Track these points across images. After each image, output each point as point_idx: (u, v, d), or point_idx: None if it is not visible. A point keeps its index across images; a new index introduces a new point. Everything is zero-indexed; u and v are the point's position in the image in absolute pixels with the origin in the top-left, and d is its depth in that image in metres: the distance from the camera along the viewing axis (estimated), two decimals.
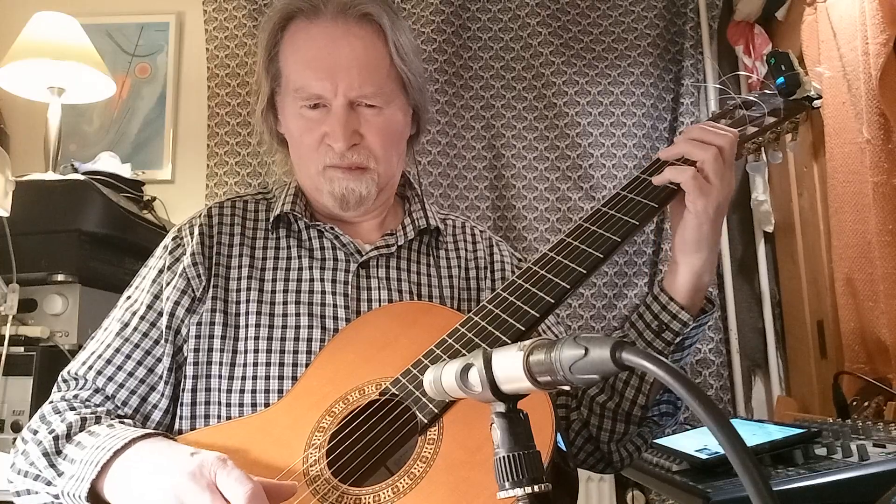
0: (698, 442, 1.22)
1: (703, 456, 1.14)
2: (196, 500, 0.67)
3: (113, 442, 0.76)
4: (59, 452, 0.81)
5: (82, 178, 1.84)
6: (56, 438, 0.82)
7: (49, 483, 0.81)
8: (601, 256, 0.83)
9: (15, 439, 1.53)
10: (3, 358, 1.55)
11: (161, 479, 0.70)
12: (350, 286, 0.97)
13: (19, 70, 1.94)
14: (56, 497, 0.81)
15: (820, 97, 1.00)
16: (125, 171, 2.13)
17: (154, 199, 2.15)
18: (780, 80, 0.98)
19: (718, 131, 0.88)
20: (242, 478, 0.67)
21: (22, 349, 1.59)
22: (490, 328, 0.81)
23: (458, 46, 2.51)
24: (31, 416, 1.54)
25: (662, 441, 1.30)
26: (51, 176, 1.86)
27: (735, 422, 1.46)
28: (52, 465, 0.81)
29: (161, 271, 0.96)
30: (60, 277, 1.67)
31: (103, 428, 0.82)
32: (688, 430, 1.46)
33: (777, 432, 1.18)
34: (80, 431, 0.83)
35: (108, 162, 2.14)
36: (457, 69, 2.49)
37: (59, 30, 1.96)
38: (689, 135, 0.90)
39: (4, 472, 0.86)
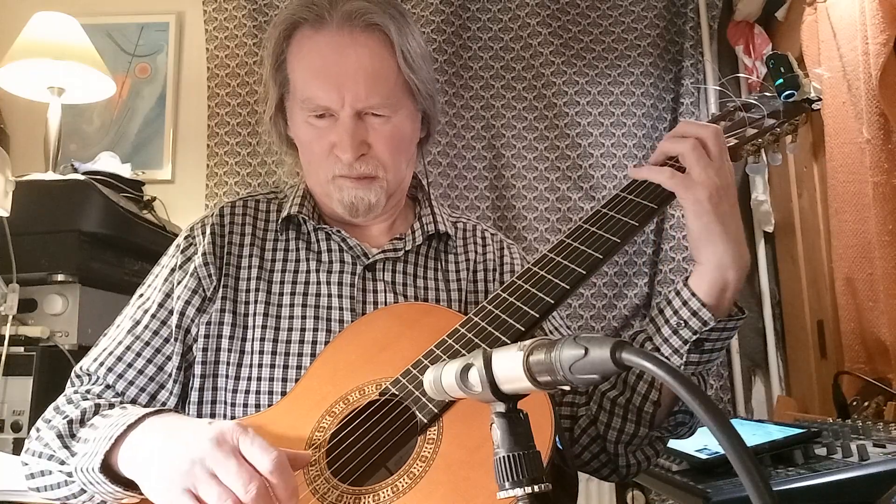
0: (698, 442, 1.22)
1: (703, 456, 1.14)
2: (221, 466, 0.67)
3: (125, 419, 0.77)
4: (73, 435, 0.83)
5: (82, 178, 1.84)
6: (70, 423, 0.83)
7: (63, 462, 0.82)
8: (601, 257, 0.83)
9: (15, 439, 1.53)
10: (3, 358, 1.56)
11: (179, 446, 0.70)
12: (356, 289, 0.97)
13: (19, 70, 1.94)
14: (69, 475, 0.81)
15: (819, 99, 1.00)
16: (125, 171, 2.13)
17: (154, 199, 2.15)
18: (779, 81, 0.98)
19: (699, 124, 0.88)
20: (266, 446, 0.68)
21: (22, 349, 1.59)
22: (490, 328, 0.81)
23: (458, 46, 2.51)
24: (31, 416, 1.55)
25: None
26: (51, 176, 1.86)
27: (735, 422, 1.46)
28: (66, 447, 0.82)
29: (173, 270, 0.97)
30: (60, 277, 1.67)
31: (116, 410, 0.84)
32: None
33: (777, 432, 1.18)
34: (94, 416, 0.84)
35: (108, 162, 2.14)
36: (457, 69, 2.50)
37: (59, 30, 1.96)
38: (669, 133, 0.90)
39: (4, 473, 0.86)
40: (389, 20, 0.94)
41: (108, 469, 0.76)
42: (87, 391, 0.90)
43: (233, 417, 0.89)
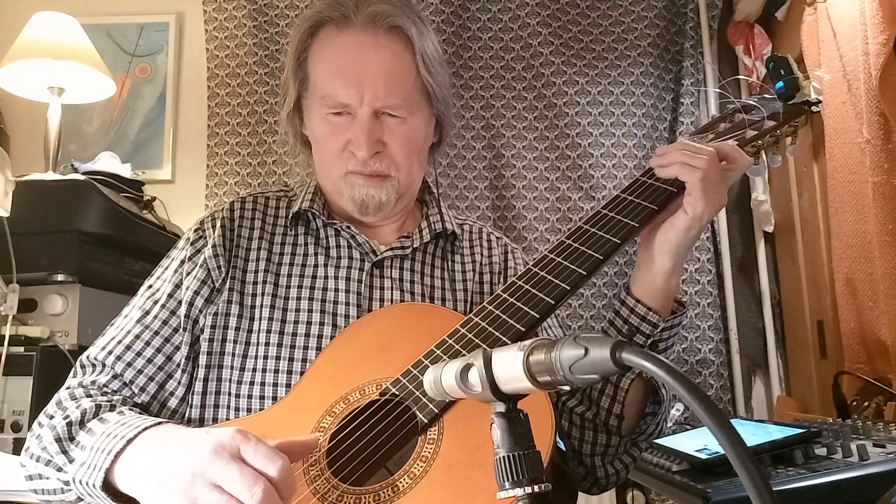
0: (698, 442, 1.22)
1: (703, 456, 1.14)
2: (223, 474, 0.66)
3: (125, 430, 0.77)
4: (71, 439, 0.82)
5: (82, 178, 1.84)
6: (70, 424, 0.82)
7: (60, 469, 0.81)
8: (601, 258, 0.83)
9: (15, 439, 1.53)
10: (3, 358, 1.55)
11: (178, 461, 0.69)
12: (363, 285, 0.98)
13: (19, 70, 1.94)
14: (66, 483, 0.81)
15: (819, 101, 1.00)
16: (125, 171, 2.13)
17: (154, 199, 2.14)
18: (779, 84, 0.98)
19: (701, 149, 0.89)
20: (270, 453, 0.67)
21: (22, 349, 1.59)
22: (490, 329, 0.81)
23: (458, 46, 2.51)
24: (31, 416, 1.55)
25: (662, 441, 1.30)
26: (51, 176, 1.85)
27: (735, 422, 1.46)
28: (64, 452, 0.81)
29: (183, 262, 0.98)
30: (60, 277, 1.67)
31: (113, 415, 0.83)
32: (688, 430, 1.47)
33: (777, 432, 1.18)
34: (94, 418, 0.83)
35: (108, 162, 2.13)
36: (457, 69, 2.49)
37: (59, 30, 1.96)
38: (678, 146, 0.91)
39: (4, 473, 0.86)
40: (411, 24, 0.96)
41: (108, 484, 0.76)
42: (92, 382, 0.90)
43: (237, 408, 0.90)
